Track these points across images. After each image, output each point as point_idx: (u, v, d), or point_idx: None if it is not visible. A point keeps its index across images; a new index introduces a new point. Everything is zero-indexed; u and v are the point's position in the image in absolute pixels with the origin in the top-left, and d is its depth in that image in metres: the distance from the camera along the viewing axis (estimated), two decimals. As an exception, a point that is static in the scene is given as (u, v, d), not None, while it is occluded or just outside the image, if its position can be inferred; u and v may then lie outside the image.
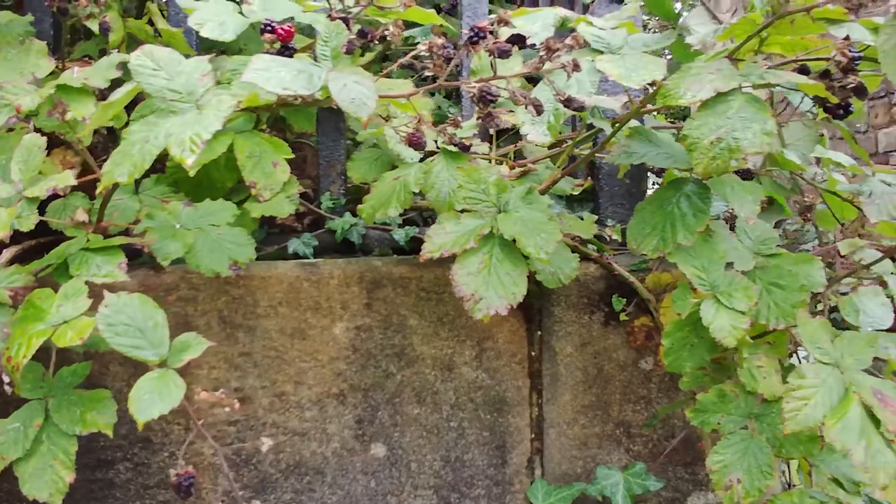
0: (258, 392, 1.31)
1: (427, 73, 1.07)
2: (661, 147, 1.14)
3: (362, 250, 1.45)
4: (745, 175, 1.46)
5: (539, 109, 0.96)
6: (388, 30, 1.07)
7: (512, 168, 1.40)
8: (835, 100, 1.09)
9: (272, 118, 1.53)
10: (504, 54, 0.93)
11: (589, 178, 1.54)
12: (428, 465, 1.34)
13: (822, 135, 1.60)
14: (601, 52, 1.08)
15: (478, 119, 1.09)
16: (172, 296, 1.29)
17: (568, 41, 0.94)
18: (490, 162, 1.40)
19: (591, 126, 1.32)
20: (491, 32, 0.94)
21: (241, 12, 1.18)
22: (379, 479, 1.33)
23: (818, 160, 1.59)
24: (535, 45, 1.14)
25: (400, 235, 1.43)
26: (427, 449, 1.34)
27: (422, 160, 1.32)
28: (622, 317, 1.32)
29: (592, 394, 1.36)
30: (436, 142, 1.29)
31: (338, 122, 1.49)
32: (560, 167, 1.31)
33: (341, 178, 1.48)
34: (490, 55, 0.94)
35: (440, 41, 0.96)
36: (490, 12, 1.73)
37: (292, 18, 1.22)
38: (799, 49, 1.18)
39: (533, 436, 1.36)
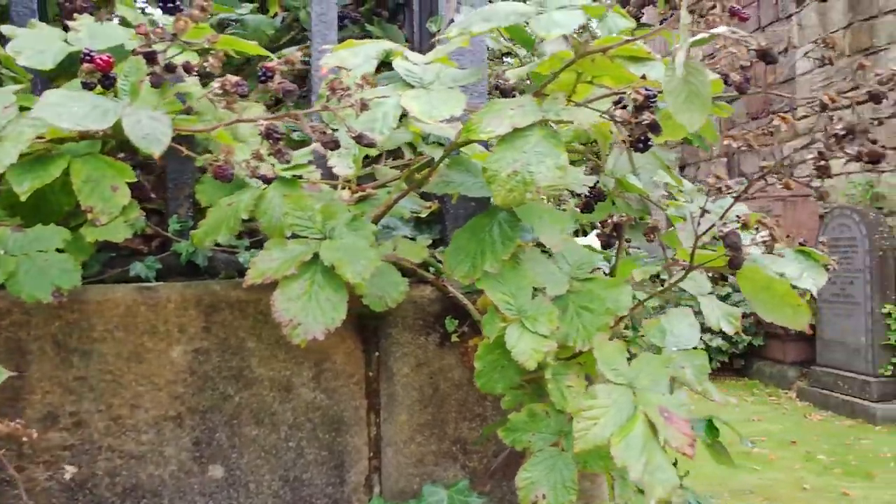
0: (94, 416, 1.32)
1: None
2: (478, 177, 1.19)
3: (209, 273, 1.46)
4: (599, 197, 1.53)
5: (333, 146, 1.00)
6: (207, 62, 1.09)
7: (354, 193, 1.44)
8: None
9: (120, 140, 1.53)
10: (289, 94, 0.97)
11: (437, 200, 1.59)
12: (266, 486, 1.37)
13: (677, 158, 1.68)
14: (413, 87, 1.13)
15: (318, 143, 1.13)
16: (5, 321, 1.29)
17: (358, 81, 0.98)
18: (337, 188, 1.44)
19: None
20: (278, 72, 0.97)
21: (65, 40, 1.19)
22: (217, 501, 1.35)
23: (666, 184, 1.67)
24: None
25: (245, 258, 1.44)
26: (265, 469, 1.36)
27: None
28: (454, 338, 1.37)
29: (429, 412, 1.40)
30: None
31: (187, 144, 1.50)
32: (395, 193, 1.35)
33: (189, 200, 1.49)
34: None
35: (235, 79, 0.99)
36: (369, 36, 1.76)
37: (122, 46, 1.23)
38: (625, 82, 1.24)
39: (371, 454, 1.40)
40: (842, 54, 8.42)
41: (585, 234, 2.41)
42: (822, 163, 1.00)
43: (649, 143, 1.15)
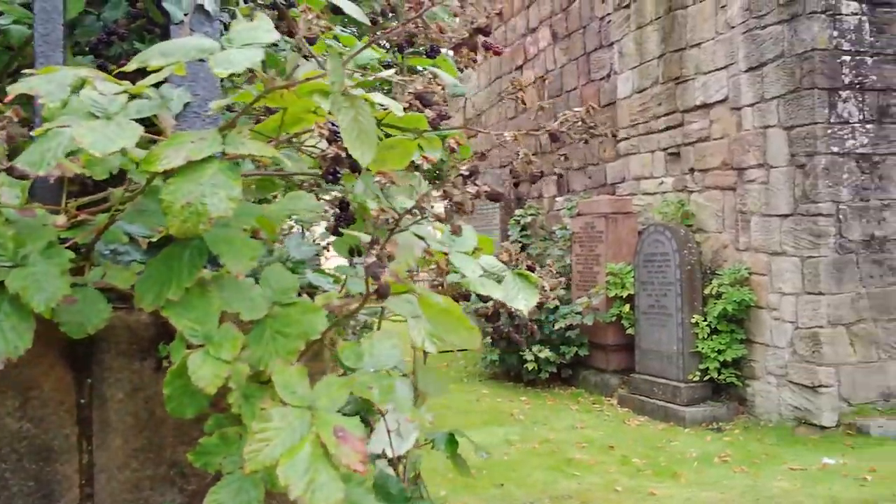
0: None
1: None
2: (171, 206, 1.22)
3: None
4: (348, 220, 1.58)
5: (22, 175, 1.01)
6: None
7: (74, 217, 1.43)
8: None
9: None
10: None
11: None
12: (-33, 521, 1.33)
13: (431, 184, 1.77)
14: (97, 117, 1.14)
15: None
16: None
17: (9, 113, 0.99)
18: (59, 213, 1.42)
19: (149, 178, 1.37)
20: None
21: None
22: (-89, 538, 1.30)
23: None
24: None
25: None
26: (-35, 504, 1.33)
27: None
28: (164, 363, 1.38)
29: (144, 437, 1.41)
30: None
31: None
32: (108, 217, 1.35)
33: None
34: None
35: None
36: (137, 52, 1.73)
37: None
38: (314, 117, 1.30)
39: (83, 482, 1.38)
40: (656, 82, 9.00)
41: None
42: (456, 196, 1.09)
43: (338, 175, 1.21)
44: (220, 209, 1.06)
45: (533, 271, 1.72)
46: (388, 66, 2.01)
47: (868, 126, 7.03)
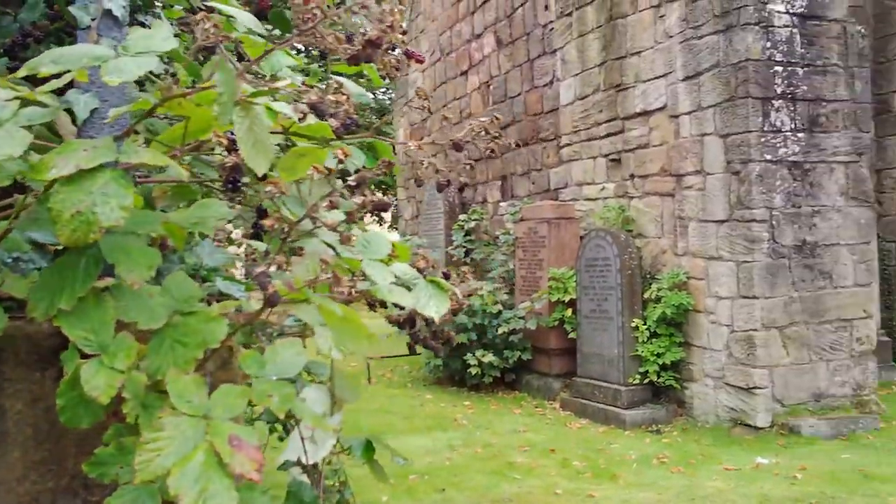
0: None
1: None
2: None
3: None
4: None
5: None
6: None
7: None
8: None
9: None
10: None
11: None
12: None
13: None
14: (-14, 125, 1.12)
15: None
16: None
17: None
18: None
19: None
20: None
21: None
22: None
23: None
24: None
25: None
26: None
27: None
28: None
29: (45, 449, 1.39)
30: None
31: None
32: (7, 224, 1.33)
33: None
34: None
35: None
36: None
37: None
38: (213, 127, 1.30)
39: (-20, 495, 1.36)
40: (598, 89, 9.14)
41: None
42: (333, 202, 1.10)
43: (238, 183, 1.21)
44: (111, 218, 1.06)
45: (448, 278, 1.73)
46: (306, 74, 2.01)
47: (799, 135, 7.23)
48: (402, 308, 1.71)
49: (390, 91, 20.10)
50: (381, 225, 24.61)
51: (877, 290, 8.72)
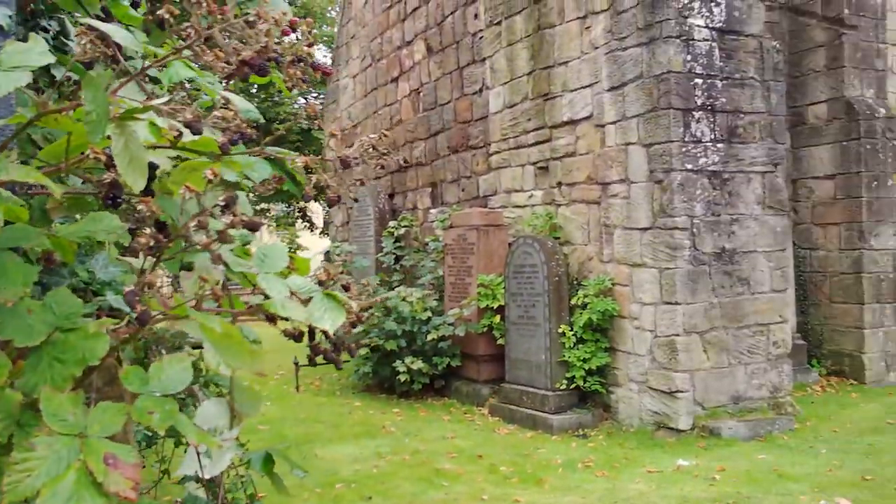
0: None
1: None
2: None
3: None
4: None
5: None
6: None
7: None
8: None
9: None
10: None
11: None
12: None
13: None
14: None
15: None
16: None
17: None
18: None
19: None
20: None
21: None
22: None
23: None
24: None
25: None
26: None
27: None
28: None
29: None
30: None
31: None
32: None
33: None
34: None
35: None
36: None
37: None
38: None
39: None
40: (526, 98, 9.26)
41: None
42: (203, 221, 1.11)
43: (119, 199, 1.20)
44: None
45: (347, 290, 1.74)
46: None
47: (719, 145, 7.45)
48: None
49: (322, 94, 20.01)
50: (311, 231, 24.48)
51: (792, 296, 9.05)
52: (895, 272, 9.41)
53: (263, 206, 22.92)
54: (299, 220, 24.60)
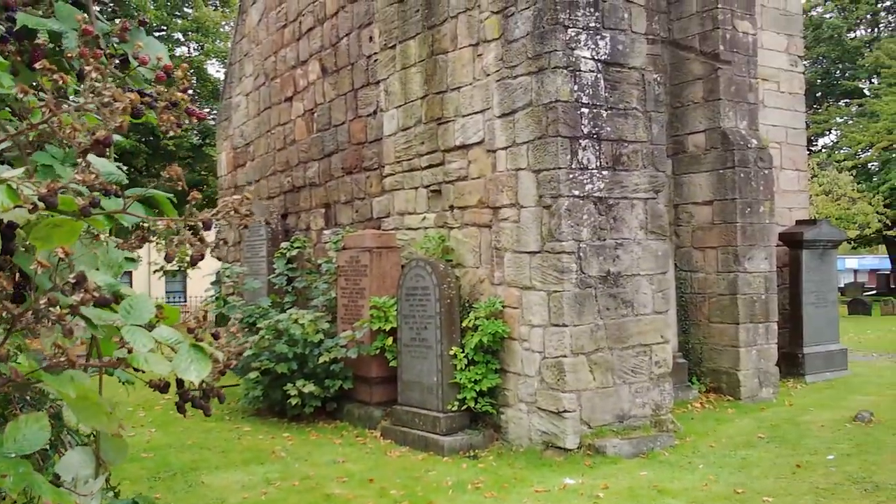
0: None
1: None
2: None
3: None
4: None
5: None
6: None
7: None
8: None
9: None
10: None
11: None
12: None
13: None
14: None
15: None
16: None
17: None
18: None
19: None
20: None
21: None
22: None
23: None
24: None
25: None
26: None
27: None
28: None
29: None
30: None
31: None
32: None
33: None
34: None
35: None
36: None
37: None
38: None
39: None
40: (420, 121, 9.35)
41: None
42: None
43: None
44: None
45: (217, 338, 1.74)
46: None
47: (604, 172, 7.72)
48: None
49: (215, 110, 19.60)
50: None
51: (674, 316, 9.44)
52: (766, 293, 9.95)
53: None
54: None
